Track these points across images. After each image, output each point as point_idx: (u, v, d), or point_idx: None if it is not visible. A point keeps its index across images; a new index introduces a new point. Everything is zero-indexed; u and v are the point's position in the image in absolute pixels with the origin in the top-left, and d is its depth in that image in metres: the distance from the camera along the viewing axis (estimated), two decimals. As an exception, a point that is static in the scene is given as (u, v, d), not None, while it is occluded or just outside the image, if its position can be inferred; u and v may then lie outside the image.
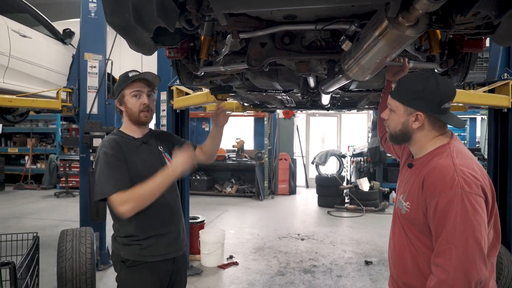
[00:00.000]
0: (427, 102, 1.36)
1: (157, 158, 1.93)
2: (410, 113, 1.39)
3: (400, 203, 1.43)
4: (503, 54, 3.55)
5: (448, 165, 1.28)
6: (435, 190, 1.26)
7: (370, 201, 7.66)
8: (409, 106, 1.38)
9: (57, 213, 7.26)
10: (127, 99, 1.88)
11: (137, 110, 1.87)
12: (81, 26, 4.20)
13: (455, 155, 1.31)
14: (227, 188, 9.46)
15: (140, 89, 1.88)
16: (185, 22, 1.58)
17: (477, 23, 1.39)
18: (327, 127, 11.30)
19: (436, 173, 1.28)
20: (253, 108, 4.49)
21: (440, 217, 1.23)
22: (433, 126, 1.39)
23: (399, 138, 1.46)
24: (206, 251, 4.39)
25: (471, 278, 1.17)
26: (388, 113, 1.48)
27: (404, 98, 1.40)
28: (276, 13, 1.64)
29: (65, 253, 3.09)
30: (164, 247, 1.86)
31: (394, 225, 1.50)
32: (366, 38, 1.45)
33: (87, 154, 4.10)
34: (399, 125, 1.43)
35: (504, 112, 3.53)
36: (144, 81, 1.89)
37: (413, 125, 1.39)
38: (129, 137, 1.91)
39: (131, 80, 1.86)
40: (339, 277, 4.12)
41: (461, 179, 1.23)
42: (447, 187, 1.23)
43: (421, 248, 1.35)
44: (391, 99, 1.45)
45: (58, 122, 10.49)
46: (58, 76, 4.60)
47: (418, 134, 1.41)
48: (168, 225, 1.89)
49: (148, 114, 1.90)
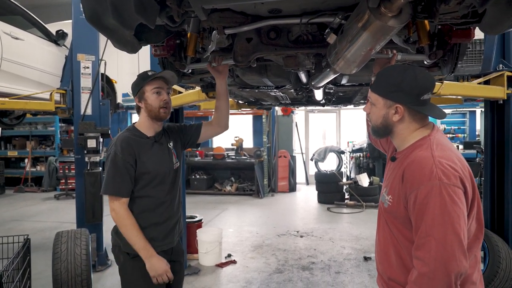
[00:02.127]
0: (406, 94, 1.34)
1: (166, 156, 2.02)
2: (389, 105, 1.38)
3: (383, 197, 1.42)
4: (498, 46, 3.52)
5: (427, 157, 1.26)
6: (414, 183, 1.25)
7: (370, 197, 7.63)
8: (388, 99, 1.38)
9: (57, 215, 7.27)
10: (148, 95, 1.95)
11: (157, 106, 1.94)
12: (73, 27, 4.18)
13: (435, 147, 1.30)
14: (226, 187, 9.45)
15: (160, 86, 1.96)
16: (167, 19, 1.56)
17: (462, 12, 1.36)
18: (327, 124, 11.26)
19: (415, 165, 1.28)
20: (248, 106, 4.47)
21: (419, 209, 1.22)
22: (413, 118, 1.38)
23: (381, 131, 1.45)
24: (204, 250, 4.38)
25: (450, 270, 1.15)
26: (369, 106, 1.47)
27: (383, 91, 1.39)
28: (260, 7, 1.61)
29: (60, 255, 3.07)
30: (161, 238, 1.94)
31: (379, 220, 1.49)
32: (350, 30, 1.43)
33: (82, 155, 4.08)
34: (379, 118, 1.42)
35: (500, 104, 3.50)
36: (162, 79, 1.98)
37: (393, 118, 1.38)
38: (142, 135, 1.97)
39: (152, 78, 1.94)
40: (338, 274, 4.10)
41: (439, 171, 1.21)
42: (425, 179, 1.22)
43: (403, 242, 1.33)
44: (371, 92, 1.45)
45: (57, 124, 10.48)
46: (51, 78, 4.58)
47: (399, 127, 1.40)
48: (166, 218, 1.97)
49: (167, 110, 1.98)
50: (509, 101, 3.42)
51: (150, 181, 1.92)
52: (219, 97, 2.18)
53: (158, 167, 1.94)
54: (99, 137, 4.05)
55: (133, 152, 1.88)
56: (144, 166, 1.90)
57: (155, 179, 1.93)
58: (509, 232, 3.44)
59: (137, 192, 1.91)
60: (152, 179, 1.92)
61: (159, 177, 1.94)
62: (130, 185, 1.87)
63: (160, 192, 1.95)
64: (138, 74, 2.03)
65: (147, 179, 1.91)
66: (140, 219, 1.89)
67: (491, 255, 3.24)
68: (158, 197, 1.94)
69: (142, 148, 1.92)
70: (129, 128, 2.02)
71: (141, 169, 1.89)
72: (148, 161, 1.91)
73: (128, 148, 1.88)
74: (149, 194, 1.92)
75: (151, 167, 1.91)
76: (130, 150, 1.88)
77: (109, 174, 1.86)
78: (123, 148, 1.87)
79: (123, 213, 1.84)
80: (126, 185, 1.86)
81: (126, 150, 1.87)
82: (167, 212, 1.97)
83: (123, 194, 1.85)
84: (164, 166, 1.97)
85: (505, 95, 3.35)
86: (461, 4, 1.33)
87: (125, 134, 1.95)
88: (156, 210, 1.93)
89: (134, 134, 1.96)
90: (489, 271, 3.22)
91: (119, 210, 1.84)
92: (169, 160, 2.02)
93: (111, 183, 1.85)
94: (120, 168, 1.85)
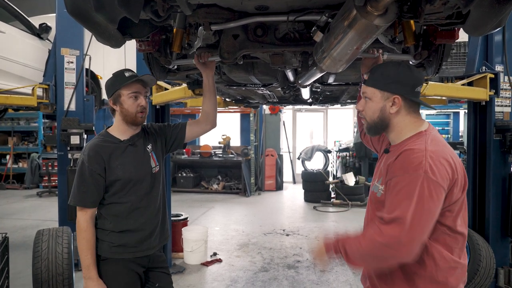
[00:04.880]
0: (403, 85, 1.39)
1: (142, 160, 1.93)
2: (387, 97, 1.41)
3: (376, 187, 1.44)
4: (481, 48, 3.58)
5: (420, 150, 1.29)
6: (400, 169, 1.29)
7: (355, 196, 7.70)
8: (386, 91, 1.40)
9: (39, 213, 7.11)
10: (124, 99, 1.86)
11: (134, 111, 1.87)
12: (57, 21, 4.08)
13: (429, 141, 1.33)
14: (213, 185, 9.41)
15: (138, 90, 1.87)
16: (151, 13, 1.53)
17: (447, 13, 1.38)
18: (314, 123, 11.32)
19: (407, 154, 1.30)
20: (236, 104, 4.45)
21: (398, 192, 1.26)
22: (408, 109, 1.41)
23: (378, 126, 1.46)
24: (189, 248, 4.34)
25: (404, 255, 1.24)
26: (364, 103, 1.48)
27: (380, 83, 1.41)
28: (247, 3, 1.59)
29: (40, 253, 3.00)
30: (134, 245, 1.86)
31: (368, 210, 1.51)
32: (336, 28, 1.42)
33: (65, 152, 3.99)
34: (376, 111, 1.43)
35: (483, 105, 3.56)
36: (141, 82, 1.89)
37: (391, 110, 1.41)
38: (115, 140, 1.89)
39: (129, 81, 1.84)
40: (323, 272, 4.12)
41: (427, 164, 1.24)
42: (411, 168, 1.25)
43: None
44: (366, 87, 1.46)
45: (40, 120, 10.25)
46: (34, 72, 4.46)
47: (396, 119, 1.42)
48: (141, 224, 1.89)
49: (143, 115, 1.91)
50: (491, 103, 3.49)
51: (122, 187, 1.84)
52: (206, 93, 2.09)
53: (130, 173, 1.85)
54: (82, 133, 3.96)
55: (101, 160, 1.81)
56: (114, 173, 1.82)
57: (128, 184, 1.84)
58: (490, 231, 3.51)
59: (109, 199, 1.84)
60: (124, 185, 1.84)
61: (132, 183, 1.85)
62: (96, 195, 1.81)
63: (133, 197, 1.86)
64: (113, 72, 1.93)
65: (119, 185, 1.83)
66: (111, 224, 1.83)
67: (472, 254, 3.31)
68: (131, 203, 1.85)
69: (113, 154, 1.84)
70: (101, 133, 1.94)
71: (111, 177, 1.82)
72: (119, 167, 1.83)
73: (95, 156, 1.81)
74: (121, 201, 1.84)
75: (122, 173, 1.83)
76: (98, 159, 1.81)
77: (75, 184, 1.82)
78: (90, 157, 1.81)
79: (82, 225, 1.79)
80: (91, 196, 1.80)
81: (93, 158, 1.80)
82: (142, 218, 1.88)
83: (87, 205, 1.80)
84: (139, 171, 1.88)
85: (487, 96, 3.41)
86: (445, 5, 1.34)
87: (94, 141, 1.88)
88: (129, 216, 1.85)
89: (105, 139, 1.88)
90: (470, 269, 3.28)
91: (79, 221, 1.80)
92: (145, 164, 1.92)
93: (76, 193, 1.80)
94: (86, 178, 1.79)
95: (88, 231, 1.80)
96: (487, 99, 3.42)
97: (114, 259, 1.83)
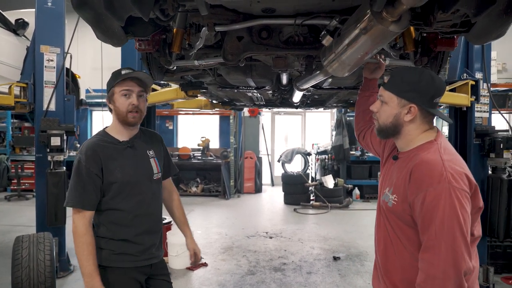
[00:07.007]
0: (422, 95, 1.37)
1: (143, 163, 1.84)
2: (403, 105, 1.39)
3: (387, 196, 1.42)
4: (462, 55, 3.73)
5: (436, 160, 1.29)
6: (423, 184, 1.26)
7: (334, 198, 7.81)
8: (403, 98, 1.39)
9: (9, 217, 6.76)
10: (116, 97, 1.78)
11: (125, 110, 1.77)
12: (36, 16, 3.90)
13: (443, 151, 1.33)
14: (192, 188, 9.28)
15: (130, 88, 1.77)
16: (159, 12, 1.48)
17: (455, 21, 1.42)
18: (292, 126, 11.41)
19: (424, 167, 1.29)
20: (222, 106, 4.41)
21: (427, 210, 1.24)
22: (423, 120, 1.41)
23: (389, 130, 1.44)
24: (174, 253, 4.25)
25: (460, 269, 1.20)
26: (379, 105, 1.46)
27: (398, 89, 1.40)
28: (255, 5, 1.58)
29: (21, 261, 2.84)
30: (135, 254, 1.78)
31: (378, 219, 1.49)
32: (348, 33, 1.43)
33: (44, 153, 3.81)
34: (390, 117, 1.42)
35: (464, 111, 3.71)
36: (136, 80, 1.79)
37: (405, 118, 1.39)
38: (114, 140, 1.81)
39: (122, 78, 1.76)
40: (309, 274, 4.15)
41: (449, 174, 1.24)
42: (435, 181, 1.24)
43: (406, 242, 1.35)
44: (384, 90, 1.44)
45: (9, 120, 9.75)
46: (10, 70, 4.24)
47: (408, 127, 1.41)
48: (141, 233, 1.80)
49: (136, 115, 1.79)
50: (472, 108, 3.64)
51: (119, 191, 1.74)
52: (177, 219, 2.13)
53: (129, 175, 1.76)
54: (63, 134, 3.80)
55: (98, 160, 1.72)
56: (111, 175, 1.73)
57: (125, 188, 1.75)
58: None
59: (105, 204, 1.74)
60: (122, 189, 1.74)
61: (129, 186, 1.76)
62: (94, 196, 1.71)
63: (132, 204, 1.76)
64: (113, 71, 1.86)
65: (116, 188, 1.73)
66: (110, 232, 1.74)
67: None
68: (129, 210, 1.76)
69: (111, 154, 1.76)
70: (98, 133, 1.85)
71: (109, 178, 1.72)
72: (117, 169, 1.74)
73: (93, 155, 1.72)
74: (119, 207, 1.75)
75: (120, 175, 1.74)
76: (95, 158, 1.72)
77: (72, 184, 1.72)
78: (87, 156, 1.71)
79: (81, 229, 1.67)
80: (89, 197, 1.70)
81: (91, 157, 1.71)
82: (143, 227, 1.79)
83: (85, 207, 1.69)
84: (138, 174, 1.79)
85: (469, 102, 3.56)
86: (455, 14, 1.38)
87: (92, 140, 1.79)
88: (130, 224, 1.75)
89: (103, 139, 1.80)
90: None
91: (77, 224, 1.68)
92: (146, 167, 1.83)
93: (73, 194, 1.70)
94: (83, 178, 1.69)
95: (88, 234, 1.68)
96: (469, 104, 3.56)
97: (115, 268, 1.74)
